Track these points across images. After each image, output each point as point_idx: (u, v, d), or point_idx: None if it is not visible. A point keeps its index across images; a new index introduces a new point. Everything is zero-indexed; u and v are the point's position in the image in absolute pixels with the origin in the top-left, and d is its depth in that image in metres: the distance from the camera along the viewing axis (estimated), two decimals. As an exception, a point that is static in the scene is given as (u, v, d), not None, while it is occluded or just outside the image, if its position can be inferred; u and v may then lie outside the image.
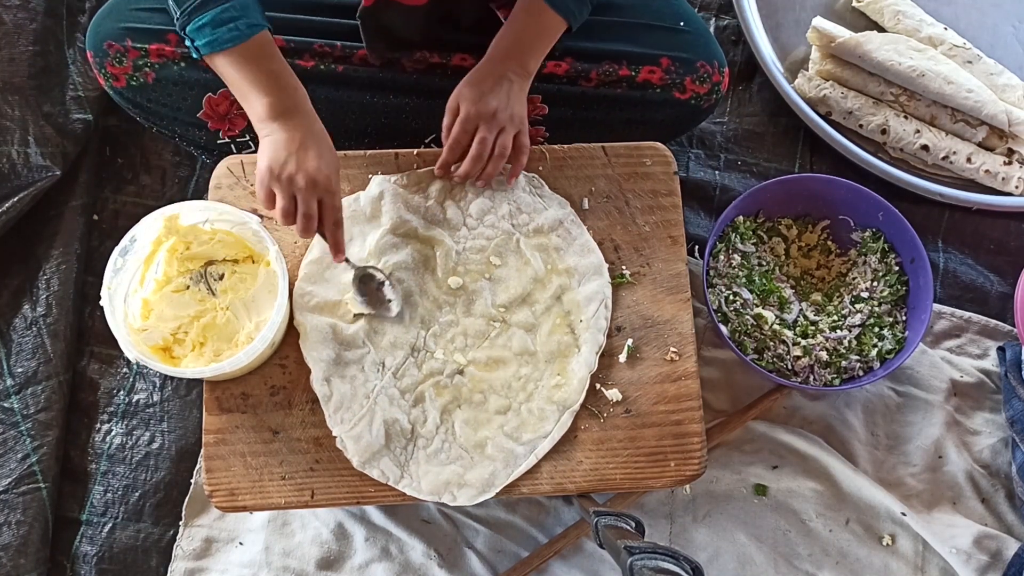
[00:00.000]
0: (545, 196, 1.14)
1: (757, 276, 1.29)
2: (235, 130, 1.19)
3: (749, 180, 1.46)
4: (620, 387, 1.08)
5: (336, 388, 1.05)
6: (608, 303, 1.09)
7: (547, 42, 1.10)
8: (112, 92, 1.17)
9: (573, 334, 1.09)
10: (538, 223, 1.12)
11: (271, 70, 0.98)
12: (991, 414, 1.33)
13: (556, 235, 1.12)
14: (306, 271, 1.09)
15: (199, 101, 1.16)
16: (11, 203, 1.29)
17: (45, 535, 1.21)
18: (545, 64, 1.18)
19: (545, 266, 1.11)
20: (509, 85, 1.07)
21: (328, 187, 0.98)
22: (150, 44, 1.13)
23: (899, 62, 1.42)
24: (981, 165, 1.43)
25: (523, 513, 1.24)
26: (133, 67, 1.14)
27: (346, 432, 1.03)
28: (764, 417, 1.29)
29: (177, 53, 1.13)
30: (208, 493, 1.03)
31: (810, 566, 1.24)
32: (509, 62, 1.08)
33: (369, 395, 1.05)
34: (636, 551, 0.80)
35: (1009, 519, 1.27)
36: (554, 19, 1.07)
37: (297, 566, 1.21)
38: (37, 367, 1.27)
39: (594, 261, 1.11)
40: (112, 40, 1.13)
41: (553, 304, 1.10)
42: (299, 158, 0.96)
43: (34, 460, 1.23)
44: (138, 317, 1.03)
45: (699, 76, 1.21)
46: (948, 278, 1.42)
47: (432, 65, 1.19)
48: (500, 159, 1.08)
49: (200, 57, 0.98)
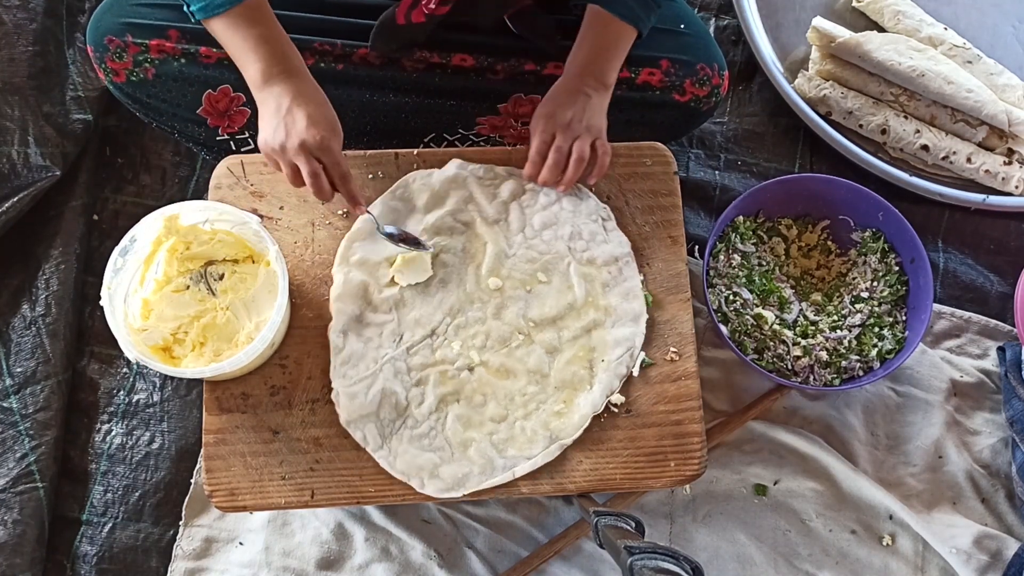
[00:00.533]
0: (609, 230, 1.13)
1: (757, 276, 1.29)
2: (234, 127, 1.19)
3: (749, 180, 1.46)
4: (621, 388, 1.08)
5: (350, 343, 1.06)
6: (635, 353, 1.08)
7: (620, 52, 1.10)
8: (112, 87, 1.17)
9: (591, 370, 1.08)
10: (593, 254, 1.12)
11: (262, 35, 0.99)
12: (991, 414, 1.33)
13: (607, 270, 1.11)
14: (359, 227, 1.10)
15: (199, 97, 1.16)
16: (11, 203, 1.30)
17: (41, 535, 1.21)
18: (545, 65, 1.19)
19: (586, 296, 1.10)
20: (586, 99, 1.08)
21: (320, 145, 0.98)
22: (150, 40, 1.13)
23: (899, 62, 1.42)
24: (981, 165, 1.43)
25: (523, 513, 1.24)
26: (133, 62, 1.14)
27: (344, 387, 1.04)
28: (764, 417, 1.29)
29: (177, 49, 1.13)
30: (208, 493, 1.03)
31: (810, 566, 1.24)
32: (585, 78, 1.09)
33: (377, 360, 1.06)
34: (636, 551, 0.80)
35: (1009, 519, 1.27)
36: (623, 28, 1.09)
37: (297, 566, 1.21)
38: (36, 367, 1.27)
39: (635, 308, 1.10)
40: (112, 35, 1.13)
41: (581, 335, 1.09)
42: (287, 123, 0.98)
43: (32, 460, 1.22)
44: (138, 317, 1.03)
45: (699, 79, 1.21)
46: (948, 278, 1.42)
47: (432, 64, 1.19)
48: (579, 163, 1.08)
49: (198, 21, 1.00)
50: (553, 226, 1.12)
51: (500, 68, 1.19)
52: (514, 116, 1.22)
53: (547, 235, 1.12)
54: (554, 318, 1.09)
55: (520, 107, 1.21)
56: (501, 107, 1.21)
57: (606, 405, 1.07)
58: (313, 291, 1.09)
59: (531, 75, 1.20)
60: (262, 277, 1.06)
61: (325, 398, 1.06)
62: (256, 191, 1.13)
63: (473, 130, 1.24)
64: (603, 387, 1.07)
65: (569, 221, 1.12)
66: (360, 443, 1.03)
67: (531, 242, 1.12)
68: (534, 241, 1.12)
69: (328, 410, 1.05)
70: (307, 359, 1.07)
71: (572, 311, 1.10)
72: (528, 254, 1.11)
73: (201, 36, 1.12)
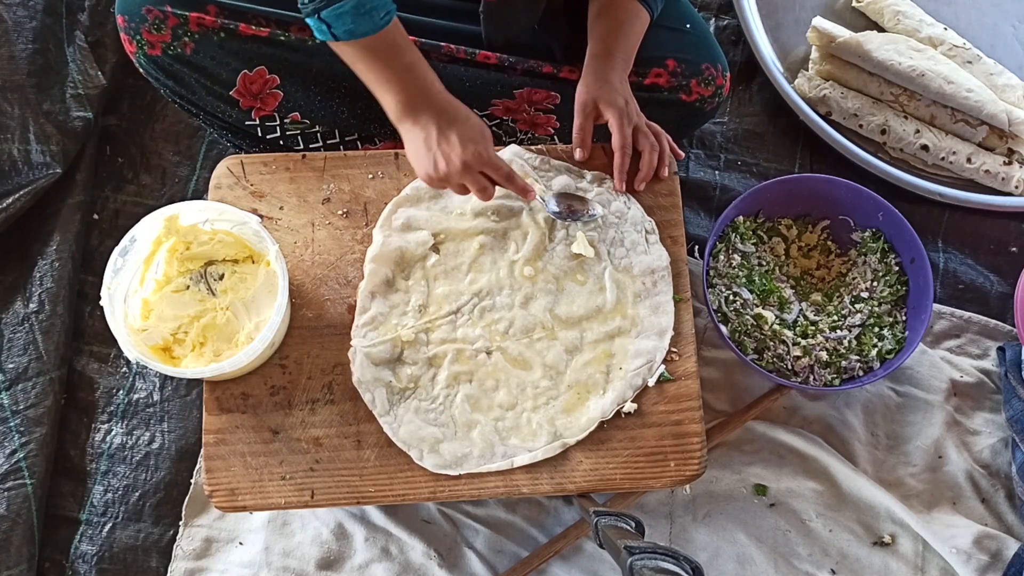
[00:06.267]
0: (651, 243, 1.13)
1: (757, 276, 1.29)
2: (266, 109, 1.18)
3: (749, 180, 1.46)
4: (634, 398, 1.08)
5: (376, 305, 1.08)
6: (654, 367, 1.08)
7: (640, 31, 1.14)
8: (143, 60, 1.12)
9: (607, 376, 1.08)
10: (631, 263, 1.12)
11: (401, 64, 0.99)
12: (991, 414, 1.33)
13: (641, 281, 1.11)
14: (407, 193, 1.12)
15: (234, 77, 1.14)
16: (11, 200, 1.30)
17: (29, 532, 1.20)
18: (561, 68, 1.21)
19: (616, 303, 1.10)
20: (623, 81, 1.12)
21: (481, 160, 1.00)
22: (190, 12, 1.09)
23: (899, 62, 1.42)
24: (981, 165, 1.43)
25: (523, 513, 1.24)
26: (172, 35, 1.10)
27: (363, 346, 1.06)
28: (764, 417, 1.29)
29: (217, 23, 1.10)
30: (208, 493, 1.03)
31: (810, 566, 1.24)
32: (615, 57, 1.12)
33: (399, 327, 1.07)
34: (636, 551, 0.80)
35: (1009, 519, 1.27)
36: (639, 10, 1.12)
37: (297, 566, 1.21)
38: (28, 363, 1.27)
39: (662, 323, 1.10)
40: (151, 5, 1.08)
41: (603, 340, 1.09)
42: (444, 152, 0.99)
43: (21, 456, 1.22)
44: (138, 317, 1.03)
45: (703, 78, 1.21)
46: (948, 278, 1.42)
47: (456, 59, 1.19)
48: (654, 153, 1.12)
49: (324, 40, 0.98)
50: (597, 229, 1.13)
51: (520, 68, 1.20)
52: (528, 102, 1.22)
53: (589, 236, 1.12)
54: (580, 318, 1.10)
55: (535, 95, 1.22)
56: (517, 92, 1.22)
57: (616, 412, 1.07)
58: (313, 291, 1.10)
59: (548, 76, 1.21)
60: (262, 277, 1.06)
61: (325, 398, 1.06)
62: (256, 191, 1.13)
63: (487, 111, 1.23)
64: (616, 394, 1.07)
65: (613, 226, 1.13)
66: (368, 405, 1.05)
67: (572, 241, 1.12)
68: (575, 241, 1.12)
69: (328, 410, 1.05)
70: (307, 359, 1.07)
71: (599, 315, 1.10)
72: (566, 251, 1.12)
73: (239, 12, 1.10)
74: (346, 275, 1.10)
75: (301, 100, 1.18)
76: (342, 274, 1.10)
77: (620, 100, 1.10)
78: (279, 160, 1.14)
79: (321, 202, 1.13)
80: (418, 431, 1.04)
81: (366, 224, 1.12)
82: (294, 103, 1.18)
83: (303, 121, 1.20)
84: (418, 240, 1.10)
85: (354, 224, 1.12)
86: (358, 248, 1.11)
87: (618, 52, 1.12)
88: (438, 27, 1.20)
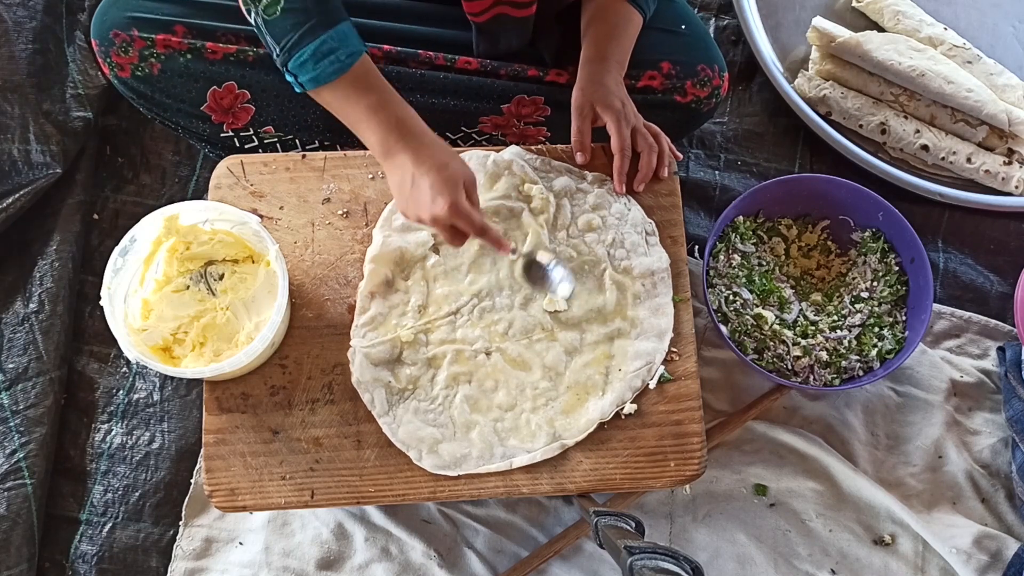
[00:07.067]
0: (651, 244, 1.13)
1: (757, 276, 1.29)
2: (238, 123, 1.19)
3: (749, 180, 1.46)
4: (633, 399, 1.08)
5: (375, 305, 1.08)
6: (653, 369, 1.08)
7: (633, 34, 1.14)
8: (116, 82, 1.17)
9: (606, 377, 1.08)
10: (631, 264, 1.12)
11: (375, 103, 0.97)
12: (991, 414, 1.33)
13: (641, 283, 1.11)
14: None
15: (204, 94, 1.16)
16: (11, 200, 1.30)
17: (29, 532, 1.20)
18: (547, 72, 1.19)
19: (616, 305, 1.10)
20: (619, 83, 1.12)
21: (449, 214, 0.94)
22: (157, 35, 1.12)
23: (899, 62, 1.42)
24: (981, 165, 1.43)
25: (523, 513, 1.24)
26: (139, 57, 1.13)
27: (362, 347, 1.06)
28: (764, 417, 1.29)
29: (184, 44, 1.13)
30: (208, 493, 1.03)
31: (810, 566, 1.24)
32: (610, 60, 1.12)
33: (398, 327, 1.07)
34: (636, 551, 0.80)
35: (1009, 519, 1.27)
36: (632, 13, 1.12)
37: (297, 566, 1.21)
38: (28, 363, 1.27)
39: (662, 325, 1.10)
40: (118, 29, 1.12)
41: (603, 341, 1.09)
42: (415, 198, 0.97)
43: (21, 456, 1.22)
44: (138, 317, 1.03)
45: (699, 80, 1.21)
46: (948, 278, 1.42)
47: (437, 66, 1.19)
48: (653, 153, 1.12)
49: (304, 91, 0.98)
50: (597, 230, 1.13)
51: (504, 72, 1.20)
52: (517, 116, 1.22)
53: (590, 237, 1.12)
54: (579, 320, 1.10)
55: (523, 107, 1.21)
56: (504, 107, 1.21)
57: (615, 413, 1.07)
58: (313, 291, 1.10)
59: (533, 80, 1.21)
60: (262, 277, 1.06)
61: (325, 398, 1.06)
62: (256, 191, 1.13)
63: (476, 128, 1.24)
64: (615, 396, 1.07)
65: (614, 228, 1.13)
66: (367, 405, 1.05)
67: (572, 241, 1.12)
68: (575, 241, 1.13)
69: (328, 410, 1.05)
70: (307, 359, 1.07)
71: (599, 316, 1.10)
72: (566, 252, 1.12)
73: (207, 32, 1.12)
74: (346, 275, 1.10)
75: (274, 114, 1.18)
76: (342, 274, 1.10)
77: (617, 102, 1.10)
78: (279, 160, 1.14)
79: (321, 202, 1.13)
80: (417, 431, 1.04)
81: (366, 224, 1.12)
82: (267, 117, 1.19)
83: (278, 133, 1.21)
84: (418, 240, 1.10)
85: (354, 224, 1.12)
86: (358, 248, 1.11)
87: (612, 56, 1.12)
88: (430, 35, 1.20)
